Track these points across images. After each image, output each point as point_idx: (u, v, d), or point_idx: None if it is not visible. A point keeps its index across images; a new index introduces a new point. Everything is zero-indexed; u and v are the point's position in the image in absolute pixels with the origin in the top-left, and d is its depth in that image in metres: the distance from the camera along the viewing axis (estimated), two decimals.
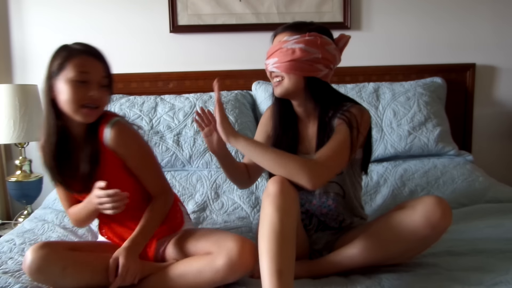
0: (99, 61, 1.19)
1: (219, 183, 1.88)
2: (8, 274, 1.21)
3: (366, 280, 1.17)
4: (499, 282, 1.09)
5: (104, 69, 1.20)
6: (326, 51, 1.26)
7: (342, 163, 1.21)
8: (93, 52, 1.19)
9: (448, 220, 1.13)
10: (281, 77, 1.28)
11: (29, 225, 1.60)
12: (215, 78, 1.27)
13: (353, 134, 1.21)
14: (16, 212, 2.29)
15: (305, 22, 1.32)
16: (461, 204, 1.72)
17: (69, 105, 1.15)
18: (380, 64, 2.30)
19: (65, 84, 1.14)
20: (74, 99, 1.14)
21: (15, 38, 2.27)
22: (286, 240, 1.06)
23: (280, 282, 1.01)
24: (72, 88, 1.14)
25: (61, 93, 1.15)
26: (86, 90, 1.15)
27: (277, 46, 1.27)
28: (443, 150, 2.03)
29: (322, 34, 1.28)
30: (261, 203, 1.14)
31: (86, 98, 1.15)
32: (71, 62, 1.15)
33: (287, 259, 1.05)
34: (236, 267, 1.13)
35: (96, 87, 1.16)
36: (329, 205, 1.35)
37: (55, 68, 1.16)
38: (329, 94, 1.31)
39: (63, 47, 1.20)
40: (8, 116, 2.03)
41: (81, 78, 1.14)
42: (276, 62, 1.27)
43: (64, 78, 1.15)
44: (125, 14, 2.26)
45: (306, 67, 1.25)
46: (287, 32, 1.28)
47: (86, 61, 1.16)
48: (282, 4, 2.28)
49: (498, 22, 2.33)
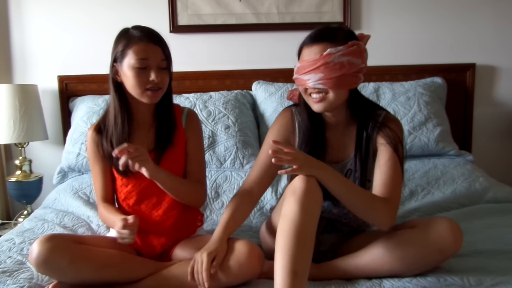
0: (158, 45, 1.24)
1: (219, 183, 1.88)
2: (6, 274, 1.21)
3: (367, 281, 1.17)
4: (499, 283, 1.09)
5: (163, 52, 1.25)
6: (365, 59, 1.22)
7: (401, 189, 1.23)
8: (151, 37, 1.25)
9: (458, 246, 1.12)
10: (325, 92, 1.20)
11: (29, 225, 1.60)
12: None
13: (399, 153, 1.21)
14: (16, 212, 2.29)
15: (332, 27, 1.24)
16: (461, 204, 1.72)
17: (134, 89, 1.24)
18: (380, 64, 2.29)
19: (128, 70, 1.23)
20: (137, 84, 1.23)
21: (15, 38, 2.27)
22: (305, 241, 1.05)
23: (293, 283, 0.99)
24: (134, 74, 1.22)
25: (126, 78, 1.25)
26: (147, 75, 1.23)
27: (320, 60, 1.16)
28: (443, 150, 2.03)
29: (355, 38, 1.22)
30: (285, 198, 1.11)
31: (149, 82, 1.23)
32: (131, 49, 1.22)
33: (304, 261, 1.03)
34: (244, 269, 1.14)
35: (156, 70, 1.23)
36: (350, 217, 1.34)
37: (118, 54, 1.25)
38: (363, 103, 1.29)
39: (124, 32, 1.27)
40: (8, 116, 2.03)
41: (141, 65, 1.22)
42: (322, 78, 1.16)
43: (126, 64, 1.23)
44: (125, 14, 2.26)
45: (352, 79, 1.19)
46: (324, 43, 1.18)
47: (146, 47, 1.22)
48: (282, 4, 2.28)
49: (498, 22, 2.33)
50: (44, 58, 2.28)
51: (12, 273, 1.22)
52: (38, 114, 2.13)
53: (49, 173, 2.19)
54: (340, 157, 1.31)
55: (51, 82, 2.27)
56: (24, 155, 2.16)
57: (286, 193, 1.13)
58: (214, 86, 2.25)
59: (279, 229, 1.07)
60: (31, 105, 2.08)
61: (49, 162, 2.27)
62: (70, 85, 2.27)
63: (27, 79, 2.28)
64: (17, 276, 1.20)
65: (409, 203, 1.76)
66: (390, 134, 1.22)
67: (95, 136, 1.33)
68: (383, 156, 1.22)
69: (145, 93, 1.24)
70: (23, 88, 2.08)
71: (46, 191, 2.12)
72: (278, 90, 2.15)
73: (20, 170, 2.13)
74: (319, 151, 1.29)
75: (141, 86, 1.23)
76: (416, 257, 1.14)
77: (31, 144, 2.24)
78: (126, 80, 1.25)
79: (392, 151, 1.20)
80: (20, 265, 1.26)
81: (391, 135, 1.22)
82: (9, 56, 2.27)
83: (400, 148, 1.22)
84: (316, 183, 1.11)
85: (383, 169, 1.20)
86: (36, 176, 2.15)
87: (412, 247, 1.14)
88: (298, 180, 1.10)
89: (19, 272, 1.22)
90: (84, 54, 2.28)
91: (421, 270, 1.18)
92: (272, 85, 2.20)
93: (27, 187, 2.11)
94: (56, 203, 1.83)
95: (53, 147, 2.32)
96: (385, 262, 1.16)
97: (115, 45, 1.27)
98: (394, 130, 1.23)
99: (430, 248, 1.12)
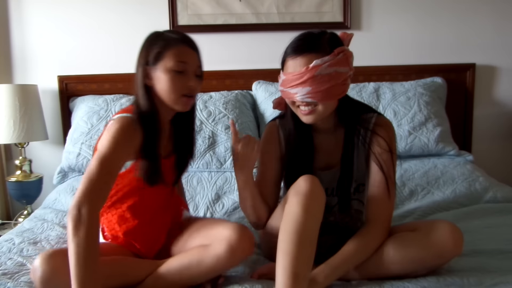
0: (195, 51, 1.21)
1: (219, 184, 1.88)
2: (7, 276, 1.18)
3: (367, 282, 1.17)
4: (499, 283, 1.09)
5: (199, 58, 1.22)
6: (352, 63, 1.19)
7: (394, 204, 1.25)
8: (189, 42, 1.21)
9: (458, 251, 1.12)
10: (313, 104, 1.17)
11: (29, 225, 1.60)
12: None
13: (392, 164, 1.22)
14: (16, 212, 2.29)
15: (315, 33, 1.19)
16: (461, 204, 1.72)
17: (169, 94, 1.17)
18: (380, 64, 2.30)
19: (164, 73, 1.16)
20: (175, 88, 1.16)
21: (15, 38, 2.27)
22: (308, 243, 1.04)
23: (294, 285, 0.98)
24: (172, 78, 1.15)
25: (159, 82, 1.17)
26: (184, 80, 1.17)
27: (306, 73, 1.12)
28: (443, 150, 2.03)
29: (339, 44, 1.18)
30: (288, 198, 1.10)
31: (186, 87, 1.18)
32: (170, 51, 1.16)
33: (305, 263, 1.02)
34: (236, 252, 1.12)
35: (192, 76, 1.19)
36: (346, 222, 1.33)
37: (152, 57, 1.16)
38: (352, 107, 1.28)
39: (158, 35, 1.20)
40: (8, 116, 2.03)
41: (180, 68, 1.16)
42: (310, 92, 1.13)
43: (163, 67, 1.16)
44: (125, 14, 2.26)
45: (341, 88, 1.17)
46: (309, 55, 1.14)
47: (184, 51, 1.18)
48: (282, 4, 2.28)
49: (498, 22, 2.33)
50: (44, 58, 2.28)
51: (13, 275, 1.19)
52: (38, 114, 2.13)
53: (49, 173, 2.20)
54: (329, 163, 1.30)
55: (51, 82, 2.27)
56: (24, 155, 2.16)
57: (289, 194, 1.12)
58: (214, 86, 2.25)
59: (281, 230, 1.06)
60: (31, 105, 2.08)
61: (49, 162, 2.27)
62: (70, 85, 2.27)
63: (27, 79, 2.28)
64: (17, 279, 1.17)
65: (409, 202, 1.76)
66: (382, 143, 1.22)
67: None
68: (375, 177, 1.22)
69: (180, 99, 1.18)
70: (23, 88, 2.08)
71: (46, 191, 2.12)
72: (278, 90, 2.15)
73: (20, 170, 2.13)
74: (308, 159, 1.29)
75: (177, 91, 1.17)
76: (416, 261, 1.13)
77: (31, 144, 2.24)
78: (160, 85, 1.17)
79: (382, 175, 1.21)
80: (20, 267, 1.24)
81: (383, 145, 1.22)
82: (9, 56, 2.27)
83: (391, 158, 1.22)
84: (319, 184, 1.10)
85: (376, 193, 1.21)
86: (36, 176, 2.15)
87: (413, 250, 1.13)
88: (301, 181, 1.10)
89: (20, 275, 1.19)
90: (84, 54, 2.28)
91: (421, 273, 1.17)
92: (272, 85, 2.20)
93: (27, 187, 2.11)
94: (56, 203, 1.84)
95: (53, 147, 2.32)
96: (385, 265, 1.16)
97: (148, 46, 1.19)
98: (385, 138, 1.22)
99: (430, 252, 1.11)
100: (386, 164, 1.22)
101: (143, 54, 1.19)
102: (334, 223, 1.34)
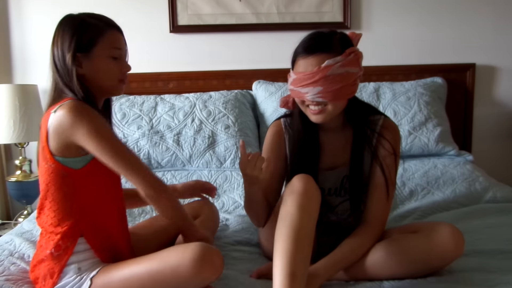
0: (123, 35, 1.19)
1: (219, 183, 1.88)
2: (11, 282, 1.14)
3: (367, 282, 1.17)
4: (499, 283, 1.09)
5: (125, 41, 1.20)
6: (361, 63, 1.20)
7: (391, 205, 1.28)
8: (116, 26, 1.19)
9: (459, 253, 1.12)
10: (323, 104, 1.18)
11: (28, 226, 1.59)
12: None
13: (397, 162, 1.25)
14: (16, 212, 2.29)
15: (325, 33, 1.19)
16: (461, 204, 1.72)
17: (108, 81, 1.15)
18: (380, 64, 2.29)
19: (100, 60, 1.13)
20: (114, 75, 1.15)
21: (15, 38, 2.27)
22: (304, 242, 1.04)
23: (292, 285, 0.98)
24: (110, 64, 1.14)
25: (95, 70, 1.13)
26: (120, 65, 1.16)
27: (318, 73, 1.13)
28: (443, 150, 2.03)
29: (350, 44, 1.20)
30: (283, 198, 1.10)
31: (122, 73, 1.17)
32: (103, 38, 1.13)
33: (302, 262, 1.02)
34: (204, 264, 0.99)
35: (125, 60, 1.19)
36: (349, 222, 1.33)
37: (83, 44, 1.11)
38: (359, 108, 1.28)
39: (82, 20, 1.16)
40: (8, 116, 2.03)
41: (116, 54, 1.15)
42: (321, 92, 1.13)
43: (98, 54, 1.12)
44: (125, 14, 2.26)
45: (351, 88, 1.18)
46: (321, 55, 1.14)
47: (117, 37, 1.16)
48: (282, 4, 2.28)
49: (498, 22, 2.33)
50: (44, 58, 2.25)
51: (17, 281, 1.16)
52: (38, 114, 2.13)
53: None
54: (334, 163, 1.31)
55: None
56: (24, 155, 2.16)
57: (284, 193, 1.12)
58: (214, 86, 2.25)
59: (277, 230, 1.06)
60: (31, 105, 2.08)
61: None
62: None
63: (27, 79, 2.28)
64: (21, 286, 1.14)
65: (409, 202, 1.76)
66: (387, 146, 1.24)
67: None
68: (377, 179, 1.24)
69: (119, 84, 1.17)
70: (23, 88, 2.08)
71: None
72: (278, 90, 2.15)
73: (20, 170, 2.14)
74: (314, 158, 1.29)
75: (115, 78, 1.15)
76: (417, 263, 1.13)
77: (31, 144, 2.24)
78: (96, 72, 1.12)
79: (383, 177, 1.22)
80: (24, 274, 1.20)
81: (388, 148, 1.24)
82: (9, 56, 2.27)
83: (395, 161, 1.24)
84: (314, 183, 1.10)
85: (377, 195, 1.23)
86: (36, 176, 2.15)
87: (413, 252, 1.13)
88: (296, 180, 1.10)
89: (23, 282, 1.16)
90: None
91: (421, 275, 1.17)
92: (272, 84, 2.20)
93: (27, 187, 2.11)
94: None
95: None
96: (386, 266, 1.16)
97: (75, 33, 1.12)
98: (391, 141, 1.24)
99: (431, 254, 1.11)
100: (389, 167, 1.23)
101: (67, 41, 1.12)
102: (336, 223, 1.34)
